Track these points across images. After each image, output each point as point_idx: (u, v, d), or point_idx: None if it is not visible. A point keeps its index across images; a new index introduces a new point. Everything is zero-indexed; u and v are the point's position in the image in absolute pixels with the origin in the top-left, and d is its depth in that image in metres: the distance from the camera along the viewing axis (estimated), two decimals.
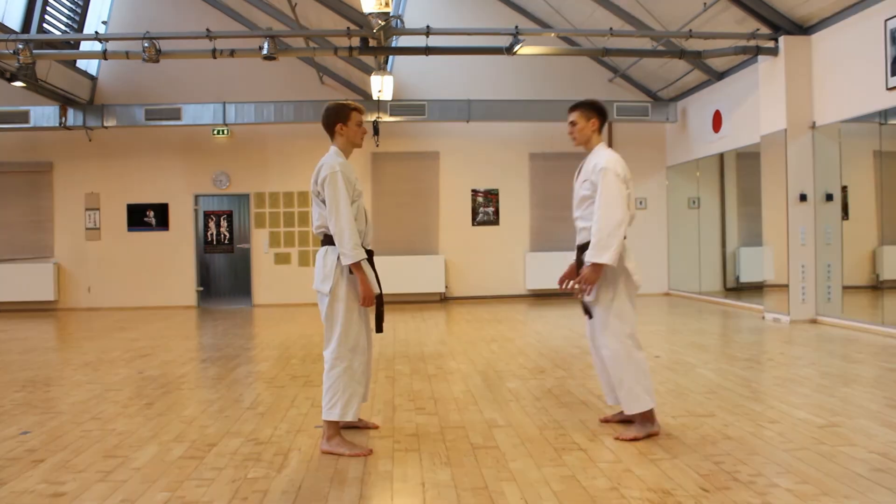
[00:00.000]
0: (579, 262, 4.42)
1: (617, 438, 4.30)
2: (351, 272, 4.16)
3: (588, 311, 4.47)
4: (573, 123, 4.55)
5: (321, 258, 4.24)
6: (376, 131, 13.46)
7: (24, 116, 12.80)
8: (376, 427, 4.66)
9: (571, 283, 4.46)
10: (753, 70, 10.57)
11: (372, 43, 9.81)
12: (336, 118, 4.33)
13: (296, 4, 9.73)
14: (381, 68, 11.57)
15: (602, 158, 4.36)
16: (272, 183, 13.87)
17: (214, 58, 10.25)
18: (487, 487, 3.56)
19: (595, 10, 11.59)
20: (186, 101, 13.22)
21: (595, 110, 4.51)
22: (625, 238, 4.31)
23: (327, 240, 4.21)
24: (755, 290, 11.46)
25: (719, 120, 12.02)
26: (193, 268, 13.91)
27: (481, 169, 14.08)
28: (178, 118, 13.07)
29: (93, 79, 13.54)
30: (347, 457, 4.08)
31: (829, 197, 9.41)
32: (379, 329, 4.39)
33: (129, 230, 13.82)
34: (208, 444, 4.38)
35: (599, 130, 4.53)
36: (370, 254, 4.27)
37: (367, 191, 13.85)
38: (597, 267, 4.22)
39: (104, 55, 10.13)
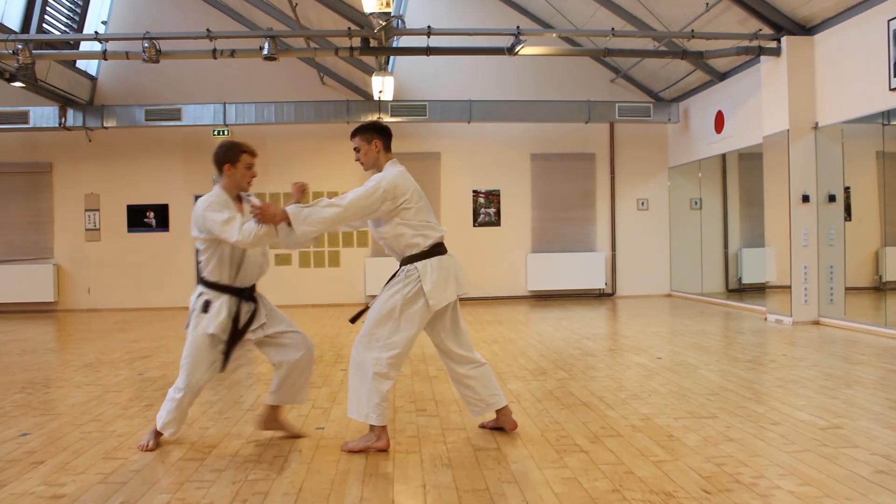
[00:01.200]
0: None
1: (343, 449, 4.24)
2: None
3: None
4: (357, 150, 4.38)
5: None
6: None
7: (23, 117, 12.79)
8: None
9: None
10: (756, 70, 10.55)
11: (373, 43, 9.79)
12: (225, 158, 4.24)
13: (296, 4, 9.72)
14: (382, 68, 11.55)
15: (383, 174, 4.26)
16: (273, 184, 13.84)
17: (215, 58, 10.24)
18: (489, 489, 3.54)
19: (597, 10, 11.57)
20: (186, 102, 13.21)
21: (375, 131, 4.35)
22: (436, 255, 4.24)
23: None
24: (757, 291, 11.43)
25: (721, 120, 11.99)
26: (194, 269, 13.89)
27: (482, 170, 14.06)
28: (179, 119, 13.05)
29: (92, 79, 13.52)
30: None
31: (832, 198, 9.39)
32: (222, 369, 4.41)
33: (130, 231, 13.81)
34: (208, 446, 4.36)
35: (385, 149, 4.37)
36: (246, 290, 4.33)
37: None
38: (283, 216, 4.04)
39: (104, 55, 10.11)
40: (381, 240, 4.34)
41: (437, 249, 4.28)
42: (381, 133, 4.36)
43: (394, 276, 4.28)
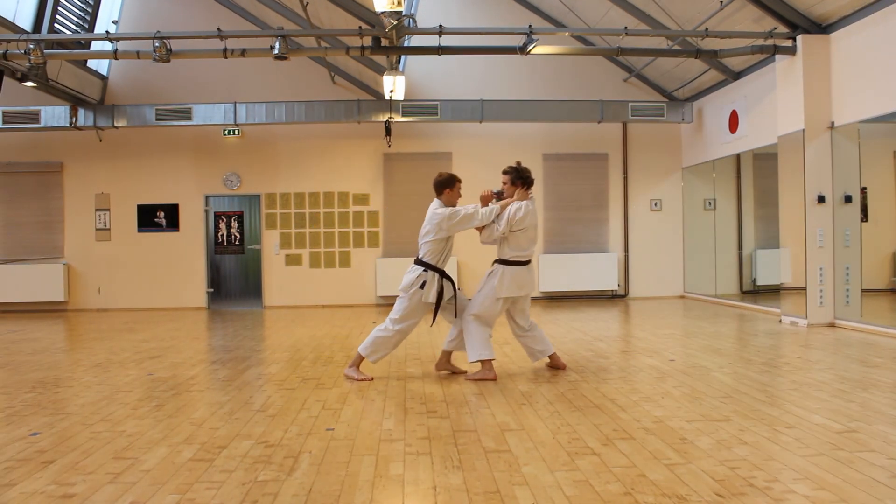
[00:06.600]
0: None
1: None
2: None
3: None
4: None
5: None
6: (388, 132, 13.43)
7: (34, 116, 12.85)
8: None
9: None
10: (771, 69, 10.46)
11: (384, 42, 9.76)
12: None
13: (307, 3, 9.69)
14: (394, 68, 11.52)
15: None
16: (283, 183, 13.86)
17: (225, 57, 10.22)
18: (500, 492, 3.51)
19: (610, 8, 11.51)
20: (197, 101, 13.23)
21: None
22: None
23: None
24: (772, 293, 11.34)
25: (736, 120, 11.90)
26: (204, 269, 13.91)
27: (494, 170, 13.93)
28: (189, 118, 13.08)
29: (103, 79, 13.57)
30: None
31: (848, 198, 9.28)
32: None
33: (140, 231, 13.84)
34: (218, 447, 4.34)
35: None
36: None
37: (378, 191, 13.82)
38: None
39: (115, 55, 10.12)
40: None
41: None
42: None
43: None
